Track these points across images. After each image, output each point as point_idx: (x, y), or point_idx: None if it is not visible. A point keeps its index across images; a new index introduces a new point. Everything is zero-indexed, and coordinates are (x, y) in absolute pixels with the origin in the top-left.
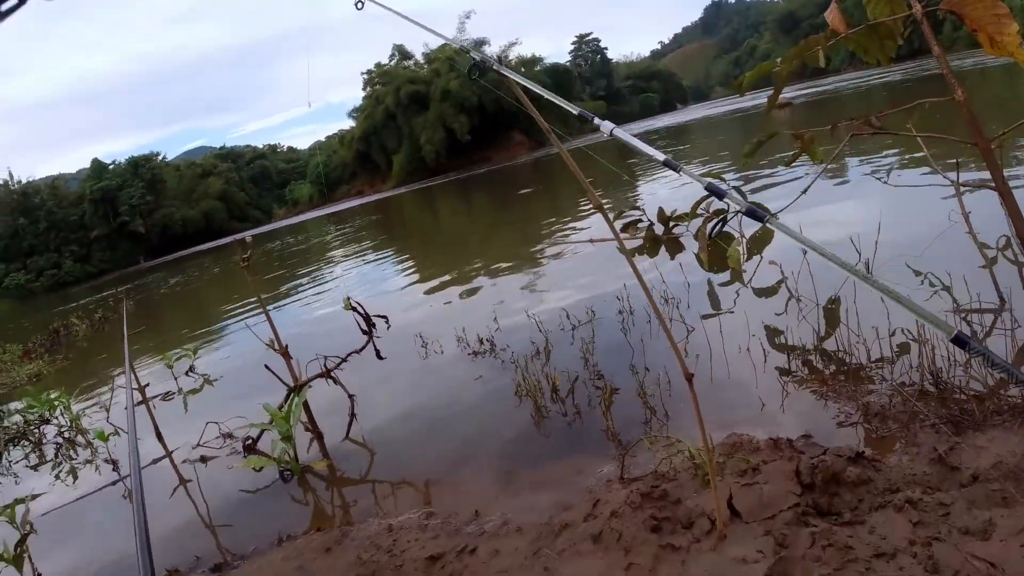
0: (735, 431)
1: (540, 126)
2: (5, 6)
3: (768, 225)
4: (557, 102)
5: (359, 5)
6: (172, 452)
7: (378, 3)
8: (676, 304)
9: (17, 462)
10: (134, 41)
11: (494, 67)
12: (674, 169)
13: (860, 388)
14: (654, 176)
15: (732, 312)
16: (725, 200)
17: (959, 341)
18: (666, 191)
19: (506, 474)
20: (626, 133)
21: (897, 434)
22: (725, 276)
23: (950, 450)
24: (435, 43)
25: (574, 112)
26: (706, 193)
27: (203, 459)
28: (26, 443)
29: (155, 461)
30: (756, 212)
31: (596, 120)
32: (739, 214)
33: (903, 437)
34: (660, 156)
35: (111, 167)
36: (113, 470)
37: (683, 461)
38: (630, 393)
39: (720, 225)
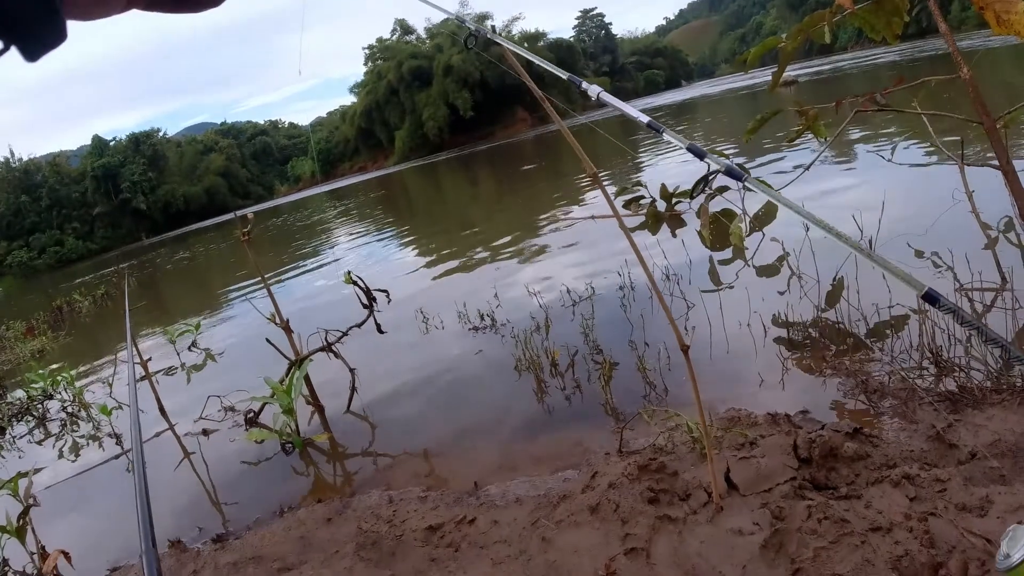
0: (734, 406)
1: (536, 96)
2: None
3: (746, 184)
4: (549, 68)
5: None
6: (175, 425)
7: None
8: (677, 281)
9: (21, 437)
10: (133, 16)
11: (489, 36)
12: (657, 131)
13: (859, 365)
14: (658, 153)
15: (733, 289)
16: (705, 160)
17: (929, 298)
18: (670, 169)
19: (505, 446)
20: (611, 96)
21: (895, 411)
22: (727, 253)
23: (948, 427)
24: (437, 17)
25: (563, 77)
26: (708, 170)
27: (205, 432)
28: (30, 418)
29: (158, 434)
30: (735, 171)
31: (584, 85)
32: (719, 173)
33: (901, 414)
34: (644, 119)
35: (112, 143)
36: (116, 444)
37: (681, 435)
38: (629, 368)
39: (704, 184)
